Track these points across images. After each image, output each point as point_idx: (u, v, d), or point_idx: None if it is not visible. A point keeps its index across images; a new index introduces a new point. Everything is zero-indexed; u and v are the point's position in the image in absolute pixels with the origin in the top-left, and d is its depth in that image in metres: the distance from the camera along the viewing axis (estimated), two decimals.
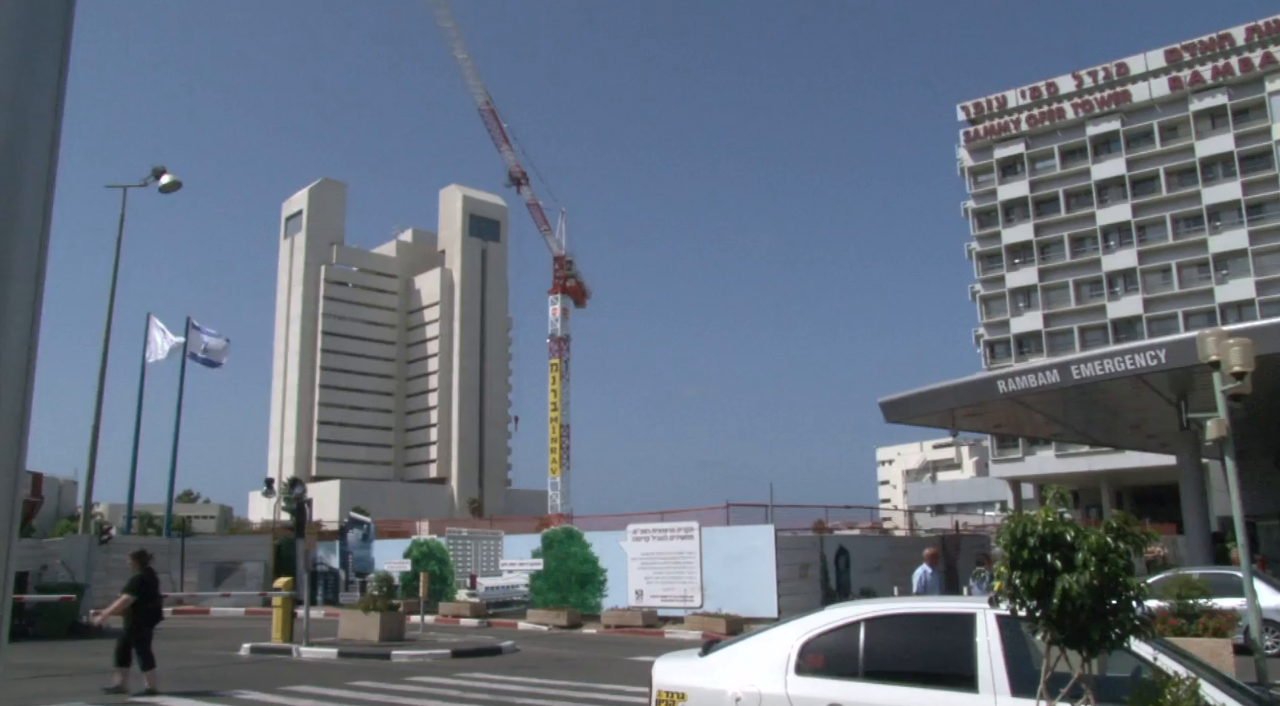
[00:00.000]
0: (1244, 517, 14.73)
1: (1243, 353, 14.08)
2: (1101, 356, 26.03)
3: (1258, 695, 6.42)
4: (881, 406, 32.20)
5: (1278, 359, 20.42)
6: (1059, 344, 75.50)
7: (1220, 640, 14.39)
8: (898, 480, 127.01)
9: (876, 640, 6.58)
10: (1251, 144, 72.97)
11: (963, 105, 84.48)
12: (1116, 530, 5.46)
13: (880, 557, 27.66)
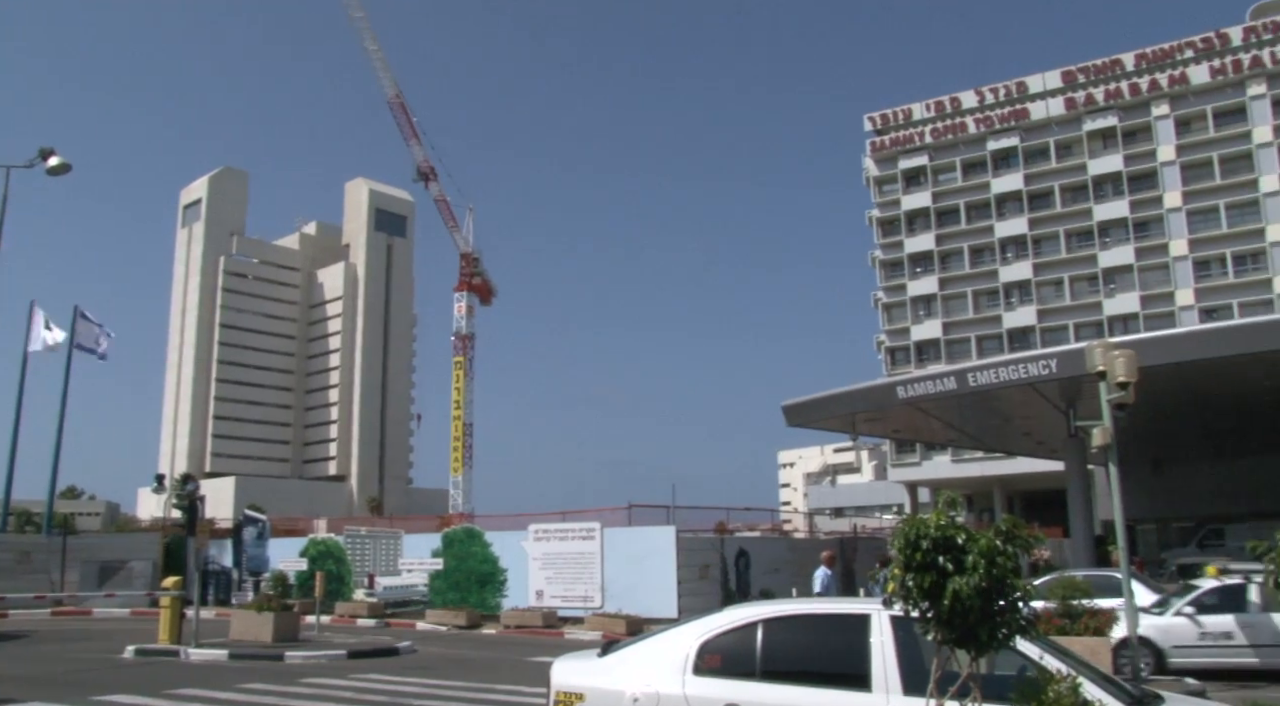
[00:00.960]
0: (1125, 522, 15.30)
1: (1127, 364, 14.63)
2: (996, 365, 26.80)
3: (1131, 690, 6.67)
4: (784, 410, 32.68)
5: (1159, 370, 21.28)
6: (957, 352, 77.46)
7: (1100, 638, 14.89)
8: (799, 483, 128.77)
9: (774, 640, 6.65)
10: (1139, 165, 75.88)
11: (870, 116, 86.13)
12: (1005, 534, 5.62)
13: (780, 559, 27.99)
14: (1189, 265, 73.35)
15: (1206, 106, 74.27)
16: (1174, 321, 69.65)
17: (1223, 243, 72.63)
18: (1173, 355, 23.42)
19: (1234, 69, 73.64)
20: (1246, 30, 74.14)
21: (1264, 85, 72.82)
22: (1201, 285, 72.61)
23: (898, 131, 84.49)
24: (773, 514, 39.58)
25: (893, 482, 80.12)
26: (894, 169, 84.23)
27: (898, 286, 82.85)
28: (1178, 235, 73.98)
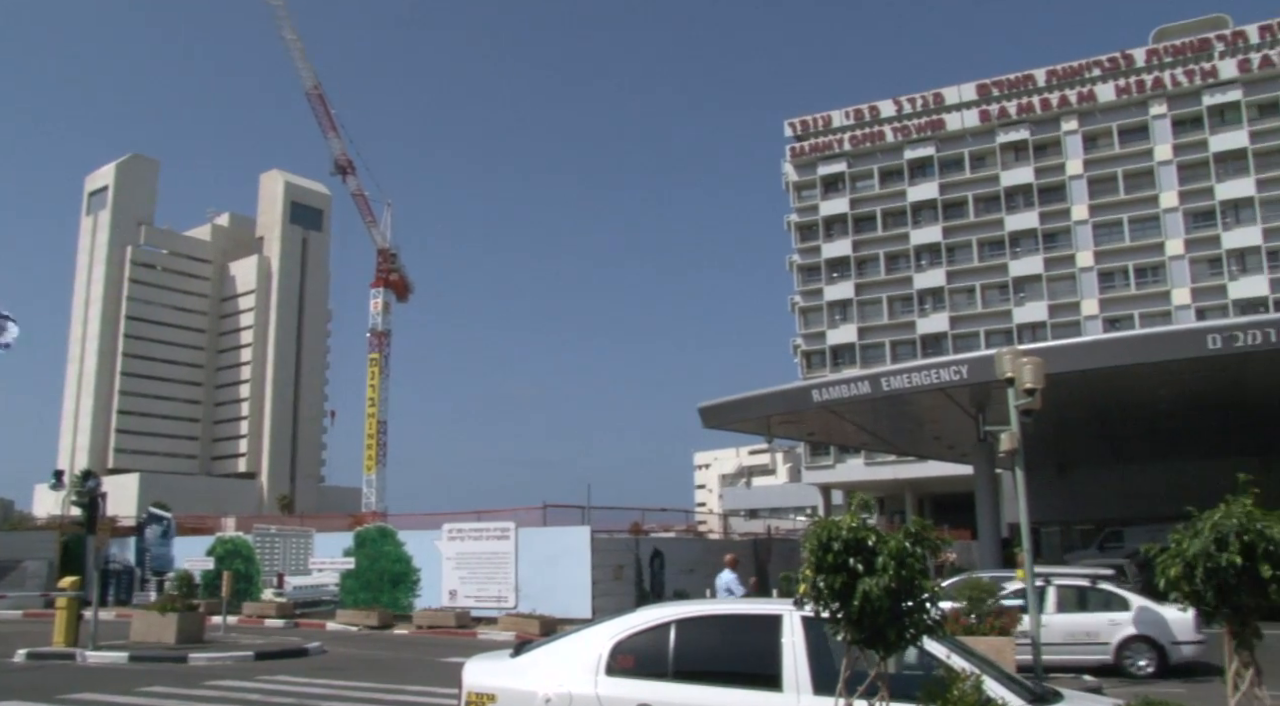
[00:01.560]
0: (1030, 524, 15.69)
1: (1034, 371, 14.99)
2: (910, 370, 27.26)
3: (1032, 687, 6.84)
4: (700, 412, 32.83)
5: (1065, 378, 21.87)
6: (871, 356, 78.71)
7: (1004, 638, 15.25)
8: (714, 484, 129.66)
9: (687, 641, 6.67)
10: (1048, 177, 78.00)
11: (790, 122, 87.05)
12: (914, 536, 5.72)
13: (694, 560, 28.14)
14: (1094, 276, 75.59)
15: (1112, 123, 76.65)
16: (1079, 330, 71.73)
17: (1125, 255, 75.01)
18: (1078, 363, 24.07)
19: (1138, 89, 76.16)
20: (1149, 52, 76.72)
21: (1165, 106, 75.43)
22: (1105, 296, 74.86)
23: (817, 138, 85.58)
24: (688, 515, 39.76)
25: (807, 485, 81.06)
26: (813, 175, 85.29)
27: (814, 291, 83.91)
28: (1084, 247, 76.20)
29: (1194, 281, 72.81)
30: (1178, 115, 75.04)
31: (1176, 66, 75.33)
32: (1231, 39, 74.53)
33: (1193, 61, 74.99)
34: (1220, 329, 23.54)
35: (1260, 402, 30.52)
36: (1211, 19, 77.40)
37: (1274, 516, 6.24)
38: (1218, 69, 74.11)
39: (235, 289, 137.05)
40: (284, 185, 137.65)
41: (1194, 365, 24.43)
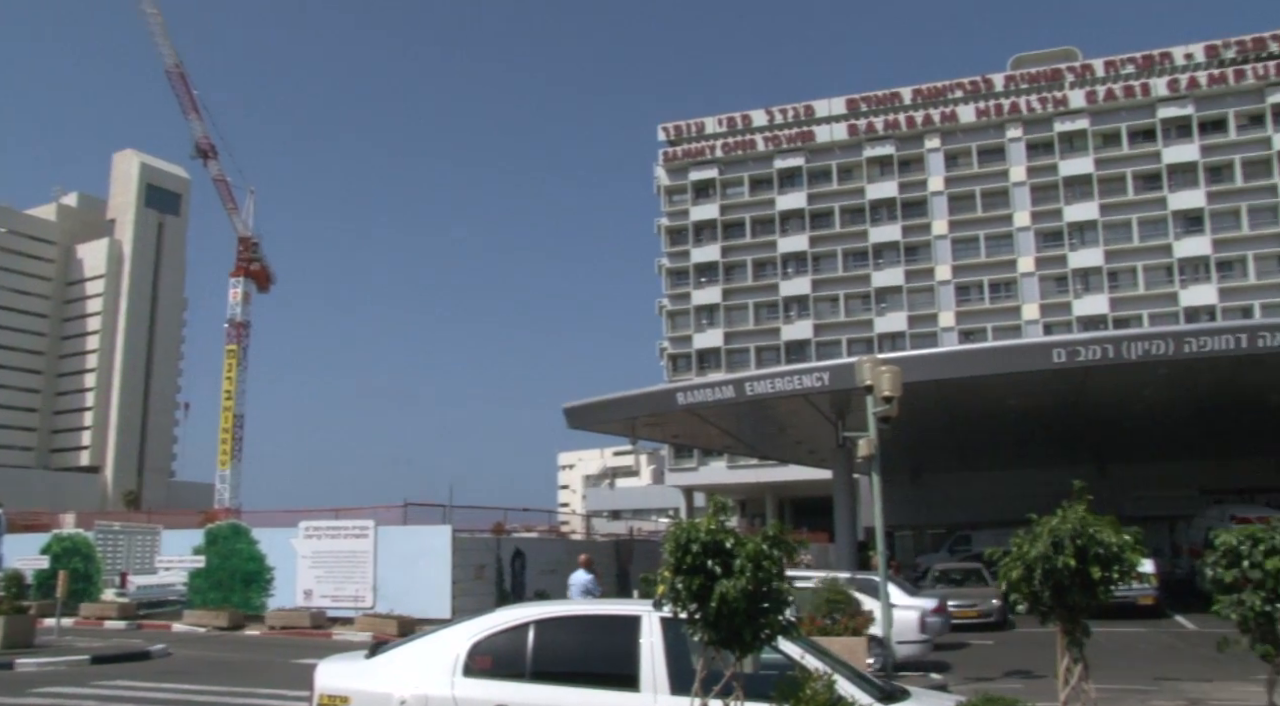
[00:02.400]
0: (885, 528, 16.19)
1: (892, 379, 15.49)
2: (773, 375, 27.76)
3: (882, 686, 7.05)
4: (566, 412, 32.80)
5: (921, 387, 22.61)
6: (736, 361, 79.99)
7: (857, 638, 15.68)
8: (578, 485, 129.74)
9: (545, 641, 6.66)
10: (912, 192, 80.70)
11: (664, 126, 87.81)
12: (772, 539, 5.83)
13: (556, 560, 28.09)
14: (951, 289, 78.51)
15: (972, 143, 79.81)
16: (936, 341, 74.37)
17: (981, 270, 78.14)
18: (933, 373, 24.91)
19: (996, 112, 79.50)
20: (1008, 78, 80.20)
21: (1020, 130, 78.97)
22: (961, 308, 77.83)
23: (690, 143, 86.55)
24: (550, 515, 39.68)
25: (670, 487, 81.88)
26: (685, 180, 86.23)
27: (683, 295, 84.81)
28: (943, 260, 79.08)
29: (1042, 298, 76.38)
30: (1031, 139, 78.62)
31: (1031, 93, 78.93)
32: (1081, 71, 78.52)
33: (1046, 89, 78.72)
34: (1065, 344, 24.71)
35: (1098, 414, 32.16)
36: (1063, 51, 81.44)
37: (1105, 521, 6.58)
38: (1068, 98, 78.00)
39: (83, 273, 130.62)
40: (139, 166, 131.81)
41: (1040, 377, 25.58)
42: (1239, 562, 6.24)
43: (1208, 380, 27.13)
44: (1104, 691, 10.22)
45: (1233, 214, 73.87)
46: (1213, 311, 71.59)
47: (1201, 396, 29.79)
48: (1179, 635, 22.47)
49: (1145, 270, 74.80)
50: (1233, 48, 75.56)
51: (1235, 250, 73.31)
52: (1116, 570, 6.52)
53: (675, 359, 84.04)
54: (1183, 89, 75.65)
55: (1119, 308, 74.09)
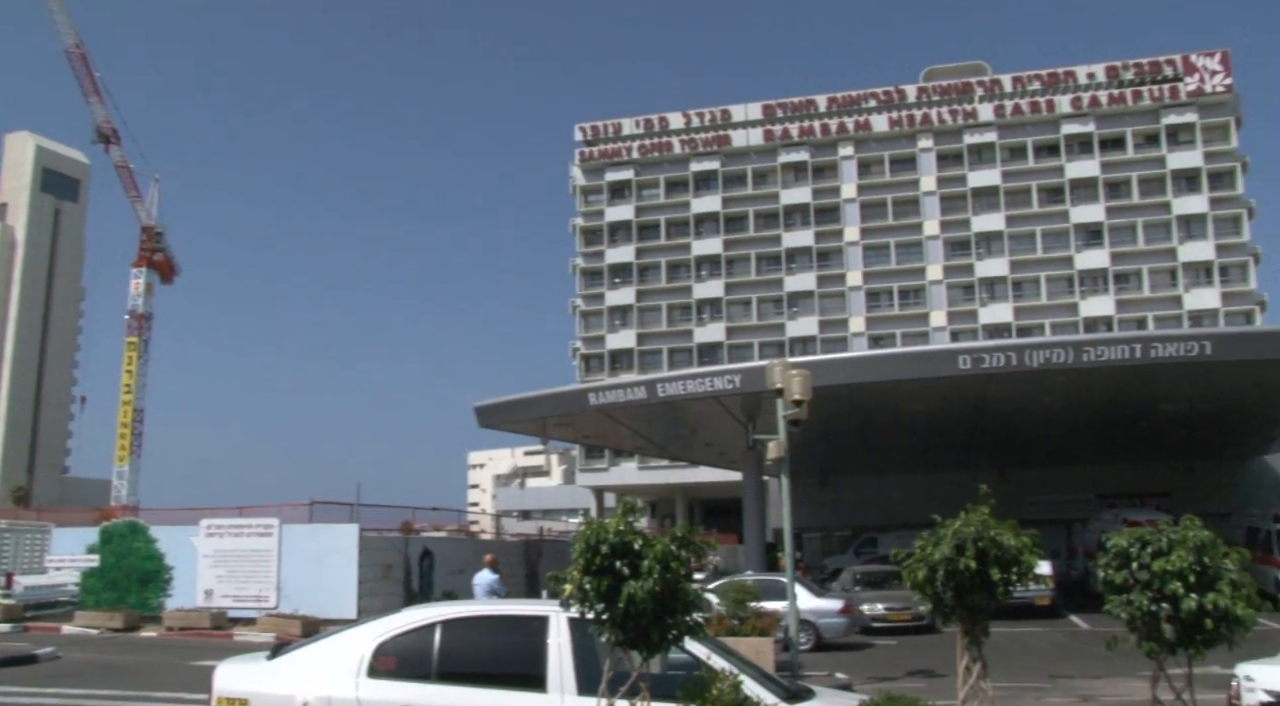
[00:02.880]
0: (793, 530, 16.39)
1: (802, 383, 15.69)
2: (685, 377, 27.96)
3: (788, 685, 7.14)
4: (477, 411, 32.57)
5: (831, 391, 22.96)
6: (649, 362, 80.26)
7: (764, 638, 15.87)
8: (488, 484, 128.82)
9: (452, 642, 6.61)
10: (825, 199, 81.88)
11: (581, 126, 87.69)
12: (680, 540, 5.87)
13: (465, 560, 27.84)
14: (862, 295, 79.87)
15: (884, 153, 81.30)
16: (846, 346, 75.60)
17: (891, 277, 79.61)
18: (843, 377, 25.34)
19: (908, 122, 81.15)
20: (920, 90, 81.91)
21: (931, 140, 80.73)
22: (871, 314, 79.20)
23: (607, 144, 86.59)
24: (460, 515, 39.40)
25: (581, 487, 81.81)
26: (600, 180, 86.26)
27: (596, 295, 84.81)
28: (854, 267, 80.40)
29: (950, 305, 78.16)
30: (942, 150, 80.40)
31: (942, 105, 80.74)
32: (990, 85, 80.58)
33: (956, 102, 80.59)
34: (970, 351, 25.36)
35: (1000, 420, 33.02)
36: (973, 65, 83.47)
37: (1005, 525, 6.76)
38: (977, 111, 79.98)
39: None
40: (34, 149, 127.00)
41: (946, 383, 26.19)
42: (1129, 564, 6.45)
43: (1104, 388, 28.07)
44: (1001, 689, 10.50)
45: (1129, 229, 76.51)
46: (1110, 322, 74.02)
47: (1098, 404, 30.78)
48: (1073, 634, 23.16)
49: (1048, 280, 77.03)
50: (1131, 70, 78.28)
51: (1131, 264, 75.93)
52: (1015, 572, 6.71)
53: (588, 359, 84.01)
54: (1085, 107, 78.14)
55: (1022, 316, 76.15)
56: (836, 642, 20.89)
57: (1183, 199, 75.84)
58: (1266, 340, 26.50)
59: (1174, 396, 29.69)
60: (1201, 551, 6.24)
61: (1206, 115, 76.45)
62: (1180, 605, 6.13)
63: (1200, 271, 75.14)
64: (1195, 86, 76.64)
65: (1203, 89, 76.52)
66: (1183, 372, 25.49)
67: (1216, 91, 76.41)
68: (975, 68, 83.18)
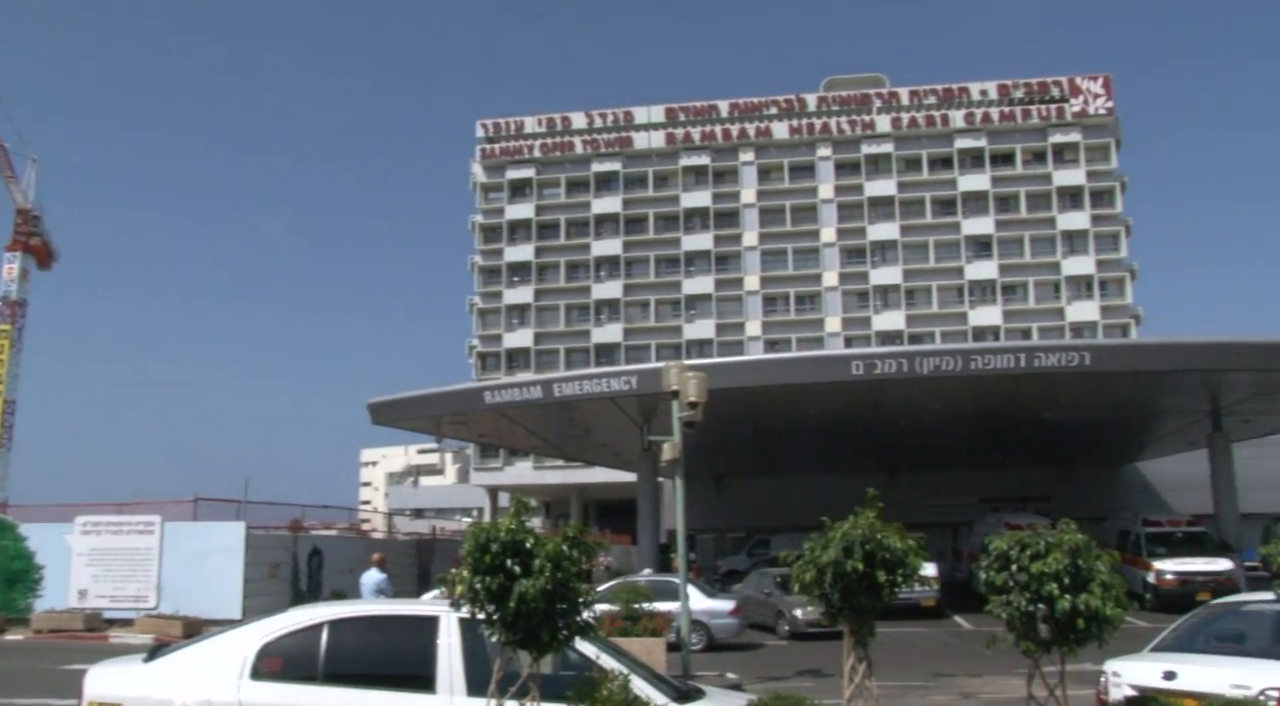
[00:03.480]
0: (686, 531, 16.50)
1: (698, 385, 15.81)
2: (582, 377, 27.93)
3: (678, 686, 7.19)
4: (370, 408, 32.03)
5: (726, 393, 23.19)
6: (546, 362, 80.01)
7: (656, 639, 15.94)
8: (381, 482, 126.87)
9: (340, 643, 6.49)
10: (725, 203, 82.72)
11: (483, 122, 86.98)
12: (571, 539, 5.86)
13: (355, 559, 27.36)
14: (759, 300, 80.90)
15: (784, 160, 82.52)
16: (743, 349, 76.40)
17: (787, 283, 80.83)
18: (739, 380, 25.61)
19: (808, 131, 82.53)
20: (820, 99, 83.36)
21: (830, 149, 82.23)
22: (768, 319, 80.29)
23: (508, 141, 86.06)
24: (351, 513, 38.75)
25: (475, 486, 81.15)
26: (501, 177, 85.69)
27: (494, 293, 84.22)
28: (751, 271, 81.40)
29: (844, 312, 79.69)
30: (840, 159, 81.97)
31: (842, 115, 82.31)
32: (887, 97, 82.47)
33: (855, 113, 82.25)
34: (863, 357, 25.89)
35: (891, 425, 33.77)
36: (872, 77, 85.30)
37: (892, 528, 6.92)
38: (875, 122, 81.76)
39: None
40: None
41: (840, 388, 26.68)
42: (1008, 566, 6.67)
43: (990, 395, 28.93)
44: (886, 688, 10.72)
45: (1017, 242, 79.09)
46: (997, 332, 76.32)
47: (984, 410, 31.70)
48: (957, 633, 23.81)
49: (939, 290, 79.12)
50: (1021, 89, 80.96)
51: (1018, 276, 78.49)
52: (901, 573, 6.86)
53: (484, 357, 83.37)
54: (977, 122, 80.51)
55: (914, 324, 78.06)
56: (728, 643, 21.10)
57: (1067, 215, 78.70)
58: (1141, 352, 27.67)
59: (1055, 404, 30.73)
60: (1076, 554, 6.49)
61: (1089, 136, 79.52)
62: (1055, 605, 6.36)
63: (1081, 285, 78.05)
64: (1080, 108, 79.63)
65: (1086, 111, 79.57)
66: (1063, 382, 26.42)
67: (1099, 114, 79.52)
68: (874, 80, 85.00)
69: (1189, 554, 28.62)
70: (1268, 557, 7.44)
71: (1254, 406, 30.83)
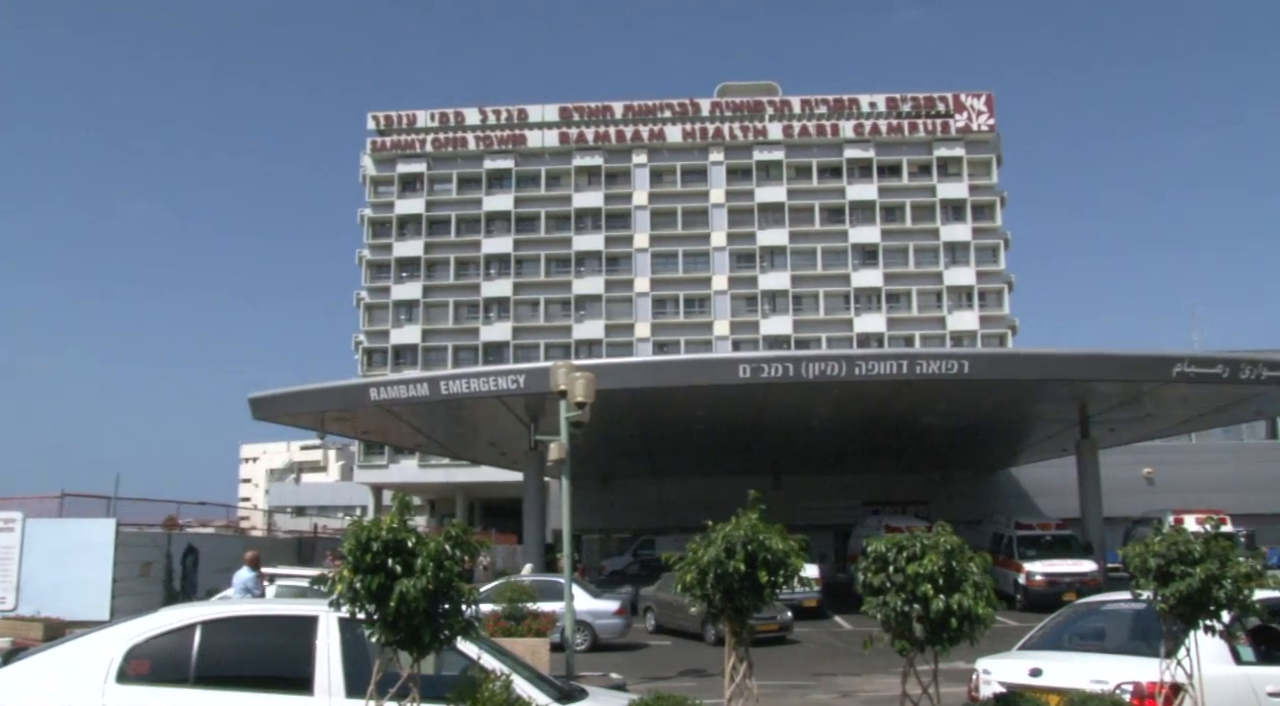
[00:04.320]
0: (572, 531, 16.50)
1: (586, 386, 15.82)
2: (469, 375, 27.69)
3: (560, 686, 7.18)
4: (251, 402, 31.21)
5: (614, 394, 23.25)
6: (434, 359, 79.07)
7: (540, 639, 15.91)
8: (261, 479, 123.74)
9: (213, 644, 6.31)
10: (617, 205, 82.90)
11: (374, 114, 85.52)
12: (454, 538, 5.80)
13: (233, 558, 26.52)
14: (649, 301, 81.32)
15: (677, 163, 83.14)
16: (632, 350, 76.71)
17: (677, 285, 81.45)
18: (627, 381, 25.71)
19: (701, 135, 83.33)
20: (714, 104, 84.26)
21: (722, 154, 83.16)
22: (657, 320, 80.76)
23: (400, 135, 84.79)
24: (229, 510, 37.64)
25: (359, 484, 79.74)
26: (392, 171, 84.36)
27: (382, 288, 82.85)
28: (642, 273, 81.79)
29: (733, 315, 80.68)
30: (732, 165, 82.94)
31: (735, 121, 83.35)
32: (779, 105, 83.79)
33: (748, 119, 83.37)
34: (750, 360, 26.25)
35: (777, 428, 34.32)
36: (765, 85, 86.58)
37: (774, 529, 7.02)
38: (767, 129, 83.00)
39: None
40: None
41: (727, 391, 27.00)
42: (886, 568, 6.84)
43: (873, 401, 29.63)
44: (767, 687, 10.87)
45: (902, 251, 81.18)
46: (881, 338, 78.23)
47: (867, 415, 32.46)
48: (837, 634, 24.30)
49: (826, 296, 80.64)
50: (909, 102, 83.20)
51: (902, 284, 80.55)
52: (782, 574, 6.97)
53: (371, 353, 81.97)
54: (866, 134, 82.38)
55: (801, 329, 79.43)
56: (613, 643, 21.16)
57: (949, 227, 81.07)
58: (1015, 362, 28.71)
59: (935, 411, 31.65)
60: (951, 556, 6.69)
61: (972, 151, 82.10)
62: (930, 606, 6.55)
63: (962, 295, 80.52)
64: (964, 123, 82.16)
65: (970, 127, 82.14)
66: (943, 389, 27.26)
67: (981, 130, 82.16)
68: (767, 87, 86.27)
69: (1057, 556, 29.78)
70: (1127, 559, 7.78)
71: (1119, 415, 32.29)
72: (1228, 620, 7.59)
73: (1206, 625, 7.40)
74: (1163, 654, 7.50)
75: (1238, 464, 48.55)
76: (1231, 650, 8.05)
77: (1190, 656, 7.40)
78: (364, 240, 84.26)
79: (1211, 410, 32.86)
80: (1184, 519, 27.00)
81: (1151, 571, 7.49)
